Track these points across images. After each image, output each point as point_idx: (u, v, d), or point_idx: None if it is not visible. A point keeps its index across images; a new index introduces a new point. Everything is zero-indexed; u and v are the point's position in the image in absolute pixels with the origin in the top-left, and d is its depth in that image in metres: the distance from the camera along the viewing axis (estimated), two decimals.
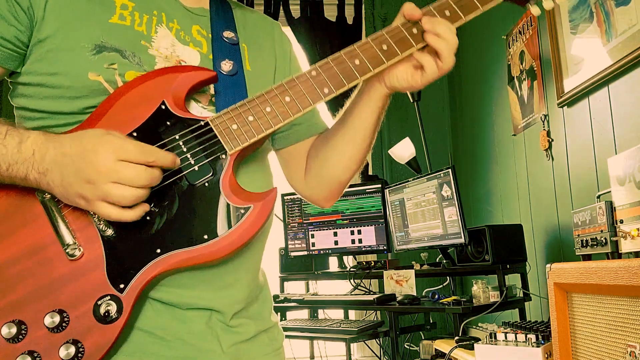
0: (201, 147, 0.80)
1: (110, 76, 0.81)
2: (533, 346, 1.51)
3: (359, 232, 2.85)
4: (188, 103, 0.85)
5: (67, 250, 0.74)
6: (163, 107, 0.80)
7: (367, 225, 2.84)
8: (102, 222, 0.75)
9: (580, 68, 1.96)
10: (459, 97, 3.33)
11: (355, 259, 2.96)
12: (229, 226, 0.77)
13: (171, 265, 0.76)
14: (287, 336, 2.54)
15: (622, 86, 1.76)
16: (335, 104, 3.16)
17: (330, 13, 3.50)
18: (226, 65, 0.90)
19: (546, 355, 1.48)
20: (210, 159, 0.80)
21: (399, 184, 2.68)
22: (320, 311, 2.95)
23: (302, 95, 0.84)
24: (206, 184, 0.79)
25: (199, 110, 0.86)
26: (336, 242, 2.91)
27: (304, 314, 2.95)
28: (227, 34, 0.95)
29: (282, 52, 1.05)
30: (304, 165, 1.06)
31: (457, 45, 0.87)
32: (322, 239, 2.94)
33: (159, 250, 0.76)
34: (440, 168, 2.44)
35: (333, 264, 3.09)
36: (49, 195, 0.75)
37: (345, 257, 2.98)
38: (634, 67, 1.69)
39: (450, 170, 2.35)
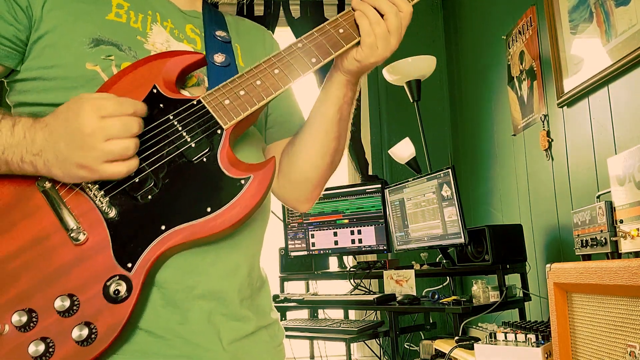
0: (195, 123, 0.81)
1: (107, 66, 0.82)
2: (533, 346, 1.51)
3: (359, 232, 2.85)
4: (179, 88, 0.86)
5: (71, 235, 0.74)
6: (155, 90, 0.81)
7: (367, 225, 2.84)
8: (104, 205, 0.76)
9: (580, 68, 1.96)
10: (459, 97, 3.34)
11: (355, 259, 2.96)
12: (232, 197, 0.78)
13: (177, 241, 0.76)
14: (287, 336, 2.54)
15: (622, 86, 1.76)
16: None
17: (330, 13, 3.50)
18: (219, 57, 0.92)
19: (546, 355, 1.48)
20: (205, 134, 0.80)
21: (399, 184, 2.68)
22: (320, 311, 2.95)
23: (290, 66, 0.85)
24: (204, 159, 0.80)
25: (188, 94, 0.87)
26: (336, 242, 2.91)
27: (304, 314, 2.96)
28: (220, 33, 0.97)
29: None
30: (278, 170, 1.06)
31: (379, 19, 0.86)
32: (322, 239, 2.94)
33: (163, 227, 0.76)
34: (440, 168, 2.44)
35: (333, 264, 3.09)
36: (49, 184, 0.75)
37: (345, 257, 2.98)
38: (633, 67, 1.69)
39: (450, 170, 2.36)
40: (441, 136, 3.43)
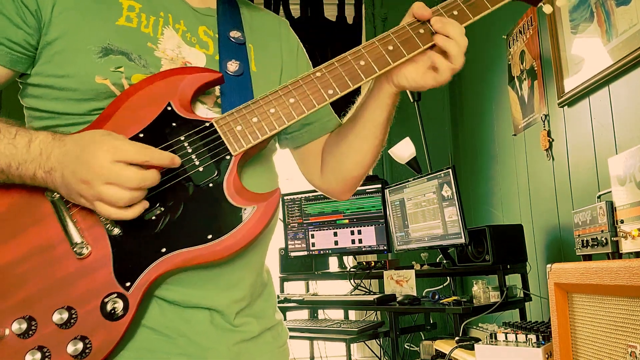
0: (206, 148, 0.81)
1: (117, 79, 0.82)
2: (533, 346, 1.51)
3: (359, 232, 2.84)
4: (194, 105, 0.86)
5: (75, 249, 0.75)
6: (169, 108, 0.81)
7: (367, 225, 2.83)
8: (109, 222, 0.77)
9: (581, 68, 1.95)
10: (459, 97, 3.33)
11: (356, 259, 2.95)
12: (233, 226, 0.78)
13: (176, 265, 0.77)
14: None
15: (623, 86, 1.75)
16: (344, 101, 3.16)
17: (330, 13, 3.50)
18: (232, 66, 0.91)
19: (546, 356, 1.48)
20: (214, 160, 0.80)
21: (399, 184, 2.68)
22: (320, 311, 2.94)
23: (307, 96, 0.84)
24: (210, 185, 0.80)
25: (204, 111, 0.87)
26: (336, 242, 2.90)
27: (304, 314, 2.95)
28: (234, 33, 0.95)
29: (289, 50, 1.06)
30: (319, 162, 1.08)
31: (466, 45, 0.88)
32: (322, 239, 2.94)
33: (164, 250, 0.77)
34: (440, 168, 2.44)
35: (333, 264, 3.08)
36: (57, 195, 0.76)
37: (345, 257, 2.98)
38: (634, 67, 1.68)
39: (450, 170, 2.35)
40: (441, 136, 3.43)
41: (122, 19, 0.85)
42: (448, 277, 2.65)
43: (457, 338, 1.89)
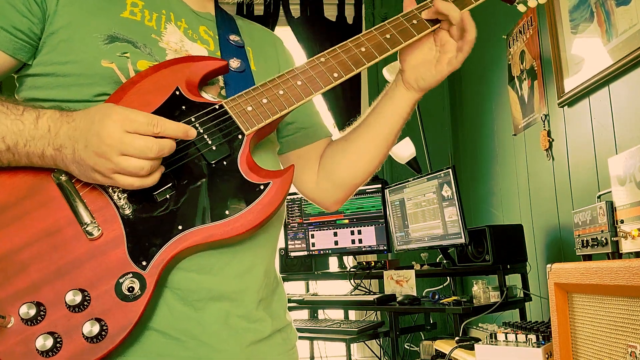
0: (217, 128, 0.81)
1: (123, 64, 0.82)
2: (533, 346, 1.51)
3: (359, 232, 2.84)
4: (200, 91, 0.87)
5: (86, 229, 0.73)
6: (177, 92, 0.81)
7: (367, 225, 2.83)
8: (121, 200, 0.75)
9: (581, 68, 1.95)
10: (459, 97, 3.33)
11: (356, 259, 2.95)
12: (250, 202, 0.78)
13: (194, 242, 0.75)
14: None
15: (623, 86, 1.75)
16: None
17: (330, 13, 3.50)
18: (234, 63, 0.92)
19: (546, 356, 1.48)
20: (227, 139, 0.81)
21: (399, 184, 2.68)
22: (320, 311, 2.95)
23: (313, 79, 0.87)
24: (224, 163, 0.80)
25: (209, 99, 0.87)
26: (336, 242, 2.90)
27: (304, 314, 2.95)
28: (233, 37, 0.98)
29: (285, 61, 1.09)
30: (315, 169, 1.08)
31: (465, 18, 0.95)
32: (322, 239, 2.94)
33: (180, 227, 0.75)
34: (440, 168, 2.44)
35: (333, 264, 3.09)
36: (65, 177, 0.74)
37: (345, 257, 2.98)
38: (634, 67, 1.68)
39: (450, 170, 2.35)
40: (441, 136, 3.43)
41: (126, 12, 0.86)
42: (448, 277, 2.65)
43: (457, 338, 1.89)
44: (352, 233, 2.86)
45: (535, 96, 2.34)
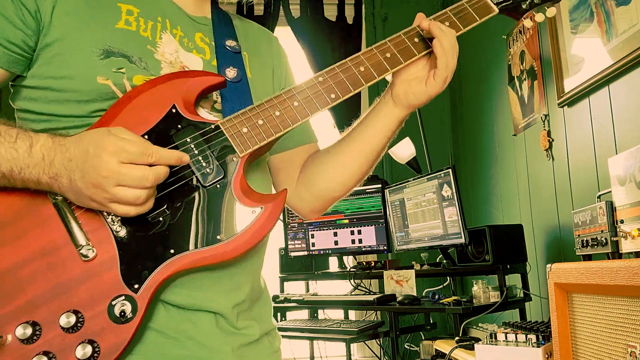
0: (212, 149, 0.81)
1: (119, 80, 0.81)
2: (533, 346, 1.51)
3: (359, 232, 2.84)
4: (196, 108, 0.86)
5: (80, 251, 0.74)
6: (174, 110, 0.81)
7: (367, 225, 2.83)
8: (115, 224, 0.76)
9: (581, 68, 1.95)
10: (460, 97, 3.33)
11: (355, 259, 2.95)
12: (242, 226, 0.79)
13: (185, 266, 0.77)
14: (287, 336, 2.53)
15: (623, 86, 1.75)
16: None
17: (330, 13, 3.50)
18: (231, 72, 0.92)
19: (546, 356, 1.48)
20: (221, 161, 0.81)
21: (399, 184, 2.68)
22: (320, 311, 2.95)
23: (310, 100, 0.87)
24: (218, 186, 0.80)
25: (205, 115, 0.87)
26: (336, 242, 2.90)
27: (304, 314, 2.95)
28: (230, 42, 0.96)
29: (279, 62, 1.08)
30: (295, 174, 1.07)
31: (457, 49, 0.92)
32: (322, 239, 2.94)
33: (172, 251, 0.77)
34: (440, 168, 2.44)
35: (333, 264, 3.09)
36: (61, 198, 0.76)
37: (345, 257, 2.98)
38: (634, 67, 1.68)
39: (450, 170, 2.35)
40: (441, 136, 3.43)
41: (121, 22, 0.85)
42: (448, 277, 2.65)
43: (457, 338, 1.89)
44: (352, 233, 2.86)
45: (535, 96, 2.34)
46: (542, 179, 2.32)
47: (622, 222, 1.31)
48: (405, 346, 2.79)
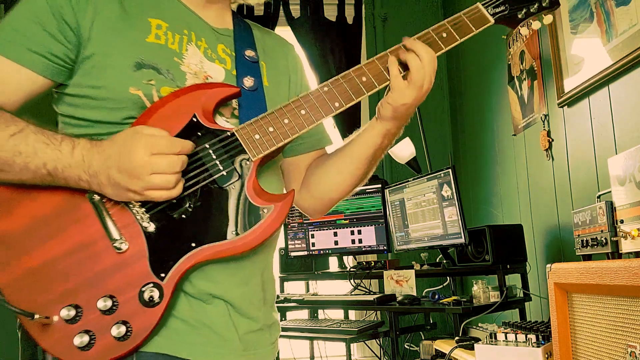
0: (228, 154, 0.92)
1: (148, 91, 0.92)
2: (533, 346, 1.51)
3: (359, 232, 2.85)
4: (214, 116, 0.96)
5: (114, 245, 0.85)
6: (194, 119, 0.92)
7: (367, 225, 2.83)
8: (144, 221, 0.87)
9: (581, 68, 1.95)
10: (459, 97, 3.33)
11: (355, 259, 2.95)
12: (254, 223, 0.90)
13: (204, 257, 0.88)
14: (287, 336, 2.54)
15: (623, 86, 1.76)
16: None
17: (330, 13, 3.50)
18: (248, 81, 1.02)
19: (546, 356, 1.48)
20: (236, 164, 0.92)
21: (399, 184, 2.68)
22: (320, 311, 2.95)
23: (316, 108, 0.96)
24: (233, 187, 0.91)
25: (223, 122, 0.98)
26: (336, 242, 2.91)
27: (304, 314, 2.95)
28: (249, 52, 1.06)
29: (294, 70, 1.17)
30: (300, 178, 1.17)
31: (433, 68, 0.97)
32: (322, 239, 2.94)
33: (193, 245, 0.88)
34: (440, 168, 2.44)
35: (333, 264, 3.09)
36: (98, 197, 0.87)
37: (345, 257, 2.98)
38: (634, 67, 1.68)
39: (450, 170, 2.35)
40: (441, 136, 3.43)
41: (151, 36, 0.95)
42: (448, 277, 2.65)
43: (457, 338, 1.89)
44: (352, 233, 2.86)
45: (535, 96, 2.34)
46: (542, 179, 2.32)
47: (622, 222, 1.31)
48: (405, 346, 2.79)
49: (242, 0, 1.14)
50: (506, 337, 1.59)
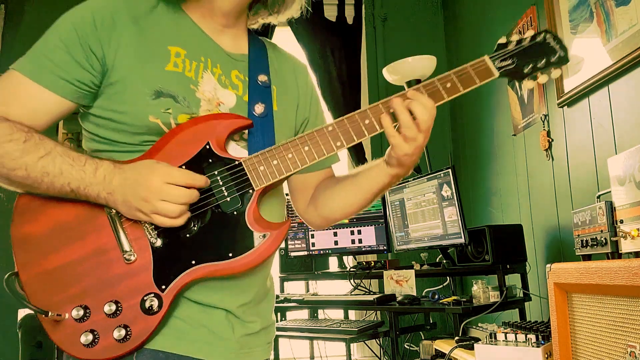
0: (234, 182, 1.00)
1: (166, 119, 0.99)
2: (533, 346, 1.51)
3: (359, 232, 2.85)
4: (227, 141, 1.05)
5: (124, 256, 0.94)
6: (207, 147, 1.00)
7: (367, 225, 2.83)
8: (152, 236, 0.95)
9: (580, 68, 1.96)
10: (459, 97, 3.33)
11: (355, 259, 2.95)
12: (249, 248, 0.98)
13: (202, 274, 0.96)
14: (287, 336, 2.54)
15: (622, 86, 1.76)
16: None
17: (330, 13, 3.50)
18: (259, 108, 1.09)
19: (546, 356, 1.48)
20: (240, 192, 1.00)
21: (399, 184, 2.68)
22: (320, 311, 2.95)
23: (319, 146, 1.03)
24: (235, 213, 0.99)
25: (234, 146, 1.06)
26: (336, 242, 2.91)
27: (304, 314, 2.95)
28: (262, 77, 1.13)
29: (304, 93, 1.23)
30: (309, 196, 1.23)
31: (428, 123, 1.00)
32: (322, 239, 2.94)
33: (194, 262, 0.96)
34: (440, 168, 2.44)
35: (333, 264, 3.09)
36: (114, 211, 0.95)
37: (345, 257, 2.98)
38: (634, 67, 1.69)
39: (450, 170, 2.35)
40: (441, 136, 3.43)
41: (170, 64, 1.02)
42: (448, 277, 2.65)
43: (456, 338, 1.89)
44: (352, 233, 2.86)
45: (534, 96, 2.34)
46: (542, 179, 2.32)
47: (621, 222, 1.31)
48: (405, 346, 2.79)
49: (262, 20, 1.20)
50: (506, 337, 1.59)
